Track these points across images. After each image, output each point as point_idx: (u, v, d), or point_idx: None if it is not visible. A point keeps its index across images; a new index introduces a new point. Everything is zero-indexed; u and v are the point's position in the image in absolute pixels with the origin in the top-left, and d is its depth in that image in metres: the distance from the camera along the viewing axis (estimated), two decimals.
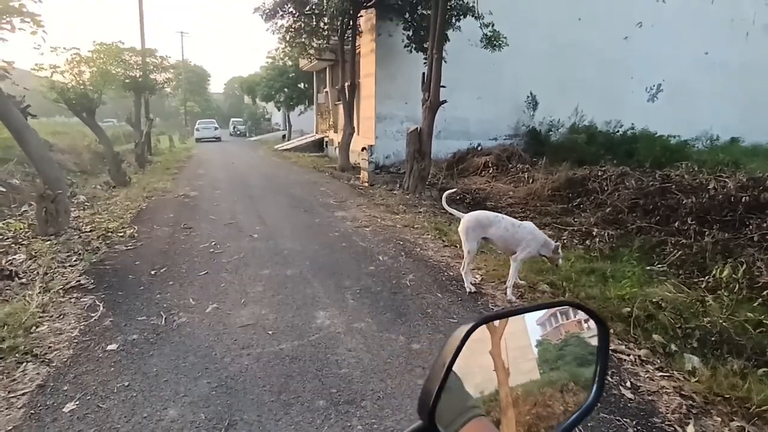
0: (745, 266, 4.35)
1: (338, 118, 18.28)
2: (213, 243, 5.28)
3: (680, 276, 4.87)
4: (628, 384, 2.54)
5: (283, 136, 27.84)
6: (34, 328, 3.12)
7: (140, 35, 18.61)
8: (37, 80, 11.03)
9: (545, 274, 4.33)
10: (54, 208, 6.04)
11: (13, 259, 4.94)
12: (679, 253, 5.37)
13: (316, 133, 22.10)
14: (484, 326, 0.71)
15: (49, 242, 5.49)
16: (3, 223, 6.49)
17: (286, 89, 24.71)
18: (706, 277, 4.60)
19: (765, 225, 5.58)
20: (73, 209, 7.29)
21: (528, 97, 15.03)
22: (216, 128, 31.82)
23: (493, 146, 13.31)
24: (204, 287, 3.90)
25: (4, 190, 9.25)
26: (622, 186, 7.54)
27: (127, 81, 15.41)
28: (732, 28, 16.90)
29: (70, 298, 3.65)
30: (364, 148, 11.69)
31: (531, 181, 10.55)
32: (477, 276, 4.35)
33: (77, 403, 2.24)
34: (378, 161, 13.44)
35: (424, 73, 9.67)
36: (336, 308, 3.50)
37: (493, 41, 10.85)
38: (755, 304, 3.78)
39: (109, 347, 2.82)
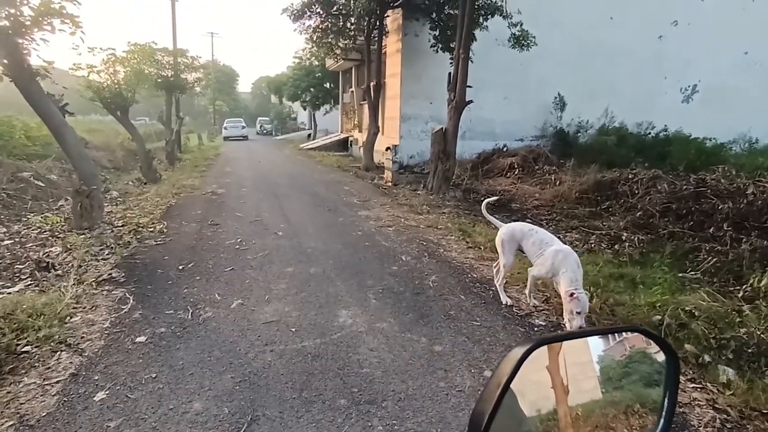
0: None
1: (363, 118, 18.35)
2: (239, 240, 5.37)
3: (715, 284, 4.69)
4: None
5: (309, 135, 28.12)
6: (68, 318, 3.24)
7: (172, 36, 19.04)
8: (74, 80, 11.44)
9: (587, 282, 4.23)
10: (89, 203, 6.25)
11: (50, 251, 5.15)
12: (714, 260, 5.18)
13: (341, 132, 22.25)
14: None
15: (83, 236, 5.69)
16: (41, 217, 6.77)
17: (312, 89, 24.95)
18: (743, 286, 4.41)
19: None
20: (106, 204, 7.54)
21: (556, 97, 14.77)
22: (243, 127, 32.38)
23: (520, 147, 13.13)
24: (229, 283, 3.96)
25: (42, 184, 9.64)
26: (654, 190, 7.31)
27: (159, 80, 15.83)
28: None
29: (102, 291, 3.77)
30: (388, 148, 11.69)
31: (558, 183, 10.36)
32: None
33: (107, 392, 2.31)
34: (402, 161, 13.41)
35: (450, 73, 9.60)
36: (358, 307, 3.51)
37: (521, 41, 10.71)
38: None
39: (138, 339, 2.90)
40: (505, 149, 13.38)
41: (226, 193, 8.63)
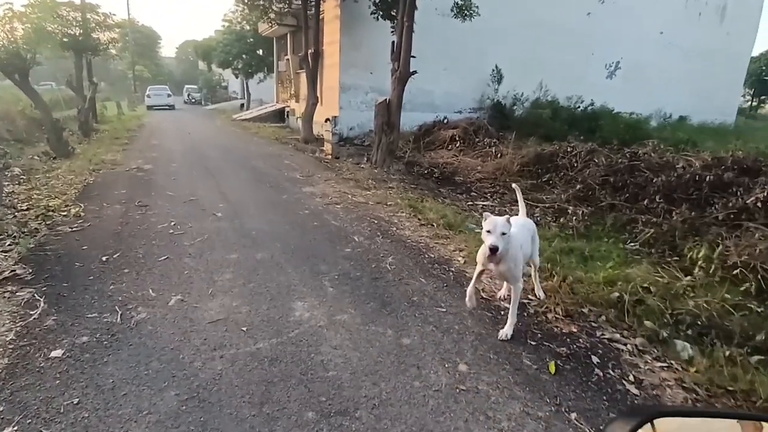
0: (720, 247, 4.38)
1: (300, 87, 17.51)
2: (172, 223, 4.81)
3: (653, 255, 4.90)
4: (631, 378, 2.43)
5: (242, 105, 26.55)
6: None
7: None
8: None
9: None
10: None
11: None
12: (651, 231, 5.40)
13: (277, 102, 21.15)
14: None
15: None
16: None
17: (244, 55, 23.39)
18: (680, 257, 4.63)
19: (730, 204, 5.68)
20: (6, 184, 6.53)
21: (493, 70, 14.88)
22: (169, 95, 29.91)
23: (460, 119, 13.15)
24: (165, 275, 3.50)
25: None
26: (593, 163, 7.54)
27: (65, 40, 13.98)
28: (686, 8, 17.30)
29: (4, 293, 3.17)
30: (327, 119, 11.21)
31: (499, 156, 10.48)
32: (460, 259, 4.17)
33: (14, 428, 1.87)
34: (342, 133, 12.97)
35: (393, 42, 9.23)
36: (314, 297, 3.22)
37: (464, 11, 10.49)
38: (728, 285, 3.79)
39: (53, 353, 2.41)
40: (446, 121, 13.33)
41: (153, 170, 7.80)
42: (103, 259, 3.81)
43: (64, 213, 5.11)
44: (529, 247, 3.03)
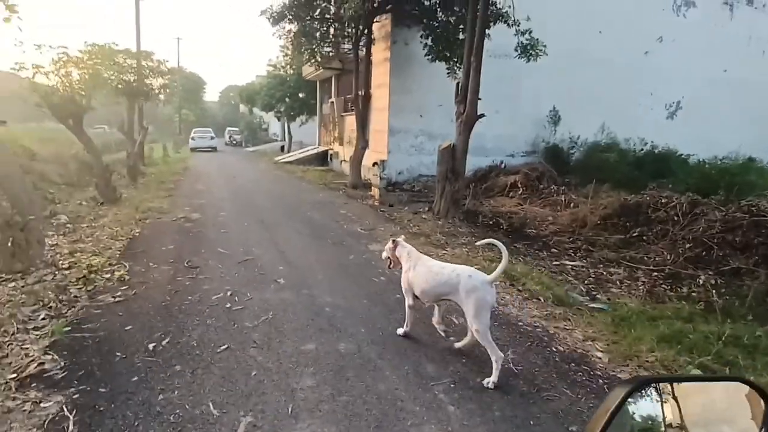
0: None
1: (344, 130, 17.21)
2: (229, 293, 4.04)
3: None
4: None
5: (282, 147, 26.67)
6: None
7: (136, 37, 17.37)
8: (20, 82, 9.78)
9: (695, 350, 3.19)
10: (23, 238, 4.80)
11: None
12: None
13: (320, 145, 20.97)
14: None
15: (13, 284, 4.25)
16: None
17: (287, 99, 23.59)
18: None
19: None
20: (51, 234, 6.04)
21: (550, 111, 14.14)
22: (212, 137, 30.52)
23: (521, 164, 12.28)
24: (228, 378, 2.67)
25: None
26: (705, 218, 6.44)
27: (119, 86, 14.16)
28: (749, 46, 16.23)
29: (25, 402, 2.40)
30: (375, 163, 10.61)
31: (571, 204, 9.50)
32: (599, 354, 3.18)
33: None
34: (390, 177, 12.33)
35: (458, 84, 8.59)
36: (435, 425, 2.30)
37: (529, 50, 9.86)
38: None
39: None
40: (503, 166, 12.52)
41: (202, 220, 7.20)
42: (150, 347, 3.02)
43: (107, 275, 4.44)
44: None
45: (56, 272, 4.62)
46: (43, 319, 3.51)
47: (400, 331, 3.34)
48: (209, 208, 8.22)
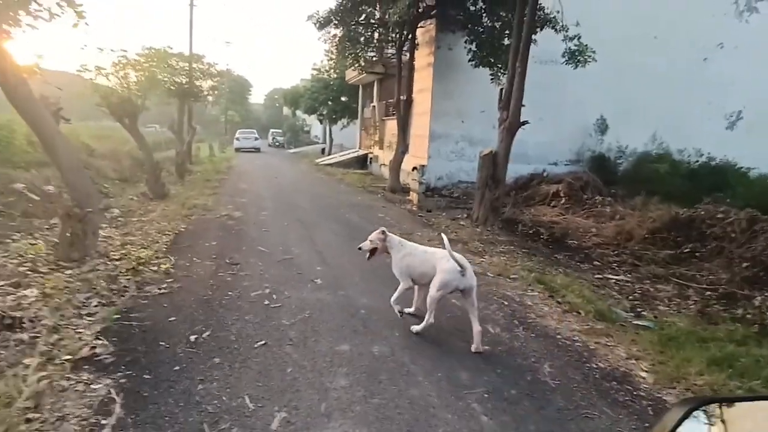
0: None
1: (385, 134, 17.30)
2: (267, 290, 4.14)
3: None
4: None
5: (323, 150, 27.12)
6: None
7: (189, 41, 18.12)
8: (83, 84, 10.44)
9: (746, 374, 2.99)
10: (81, 229, 5.08)
11: (24, 295, 3.95)
12: None
13: (360, 148, 21.17)
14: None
15: (70, 272, 4.51)
16: (25, 243, 5.59)
17: (329, 102, 24.00)
18: None
19: None
20: (104, 226, 6.37)
21: (597, 119, 13.68)
22: (256, 138, 31.43)
23: (564, 173, 11.93)
24: (264, 373, 2.73)
25: (37, 197, 8.50)
26: (764, 235, 6.05)
27: (172, 87, 14.86)
28: None
29: (78, 382, 2.55)
30: (415, 168, 10.58)
31: (617, 217, 9.14)
32: (642, 374, 3.04)
33: None
34: (429, 182, 12.27)
35: (501, 90, 8.47)
36: (466, 430, 2.27)
37: (577, 56, 9.60)
38: None
39: None
40: (545, 174, 12.21)
41: (244, 218, 7.42)
42: (191, 339, 3.14)
43: (154, 268, 4.65)
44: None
45: (108, 262, 4.87)
46: (96, 306, 3.71)
47: (408, 310, 3.68)
48: (251, 207, 8.46)
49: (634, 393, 2.80)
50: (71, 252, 5.00)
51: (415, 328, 3.37)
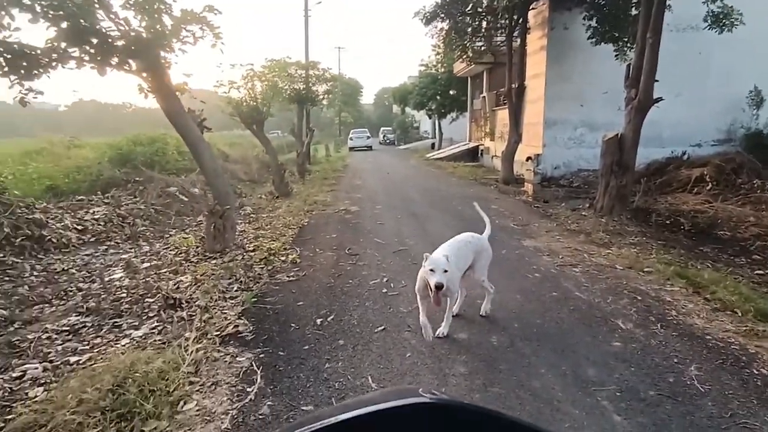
0: None
1: (496, 125, 16.75)
2: (385, 279, 4.30)
3: None
4: None
5: (432, 145, 27.17)
6: (181, 404, 2.38)
7: (305, 49, 19.42)
8: (216, 97, 11.81)
9: None
10: (222, 224, 5.77)
11: (180, 281, 4.62)
12: None
13: (470, 141, 20.79)
14: None
15: (214, 261, 5.15)
16: (179, 237, 6.53)
17: (438, 96, 23.94)
18: None
19: None
20: (239, 222, 7.15)
21: (751, 92, 11.72)
22: (368, 137, 32.69)
23: (710, 155, 10.41)
24: (385, 357, 2.84)
25: (186, 199, 9.85)
26: None
27: (291, 94, 16.06)
28: None
29: (226, 355, 2.91)
30: (529, 158, 10.05)
31: None
32: None
33: None
34: (545, 172, 11.61)
35: (628, 66, 7.66)
36: (596, 428, 2.12)
37: (722, 20, 8.29)
38: None
39: None
40: (685, 157, 10.77)
41: (360, 212, 7.77)
42: (318, 321, 3.39)
43: (283, 258, 5.10)
44: (467, 262, 3.25)
45: (244, 253, 5.46)
46: (236, 290, 4.19)
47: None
48: (366, 202, 8.82)
49: None
50: (215, 244, 5.71)
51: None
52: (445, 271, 2.71)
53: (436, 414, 0.52)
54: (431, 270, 2.71)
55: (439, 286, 2.62)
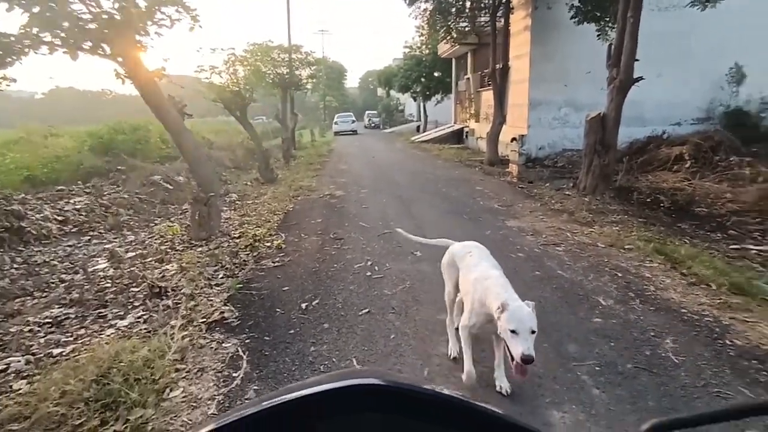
0: None
1: (480, 107, 16.74)
2: (369, 262, 4.32)
3: None
4: None
5: (418, 128, 27.06)
6: (167, 391, 2.39)
7: (287, 33, 19.05)
8: (200, 84, 11.56)
9: None
10: (206, 212, 5.73)
11: (166, 269, 4.59)
12: None
13: (455, 123, 20.77)
14: None
15: (200, 249, 5.13)
16: (164, 226, 6.47)
17: (423, 78, 23.76)
18: None
19: None
20: (224, 209, 7.09)
21: (731, 68, 11.84)
22: (353, 121, 32.41)
23: (690, 134, 10.55)
24: (369, 339, 2.88)
25: (171, 187, 9.72)
26: None
27: (275, 79, 15.79)
28: None
29: (211, 341, 2.92)
30: (513, 139, 10.08)
31: (759, 179, 7.91)
32: None
33: None
34: (530, 153, 11.66)
35: (610, 46, 7.68)
36: (576, 406, 2.18)
37: None
38: None
39: None
40: (665, 136, 10.91)
41: (345, 196, 7.75)
42: (303, 306, 3.40)
43: (268, 244, 5.09)
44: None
45: (230, 240, 5.44)
46: (222, 277, 4.18)
47: None
48: (351, 186, 8.79)
49: None
50: (200, 232, 5.67)
51: None
52: (533, 332, 1.93)
53: (387, 397, 0.54)
54: (512, 331, 1.91)
55: (528, 360, 1.84)
